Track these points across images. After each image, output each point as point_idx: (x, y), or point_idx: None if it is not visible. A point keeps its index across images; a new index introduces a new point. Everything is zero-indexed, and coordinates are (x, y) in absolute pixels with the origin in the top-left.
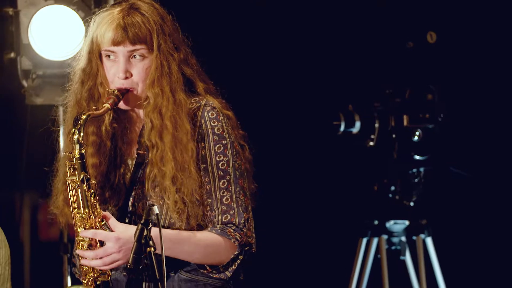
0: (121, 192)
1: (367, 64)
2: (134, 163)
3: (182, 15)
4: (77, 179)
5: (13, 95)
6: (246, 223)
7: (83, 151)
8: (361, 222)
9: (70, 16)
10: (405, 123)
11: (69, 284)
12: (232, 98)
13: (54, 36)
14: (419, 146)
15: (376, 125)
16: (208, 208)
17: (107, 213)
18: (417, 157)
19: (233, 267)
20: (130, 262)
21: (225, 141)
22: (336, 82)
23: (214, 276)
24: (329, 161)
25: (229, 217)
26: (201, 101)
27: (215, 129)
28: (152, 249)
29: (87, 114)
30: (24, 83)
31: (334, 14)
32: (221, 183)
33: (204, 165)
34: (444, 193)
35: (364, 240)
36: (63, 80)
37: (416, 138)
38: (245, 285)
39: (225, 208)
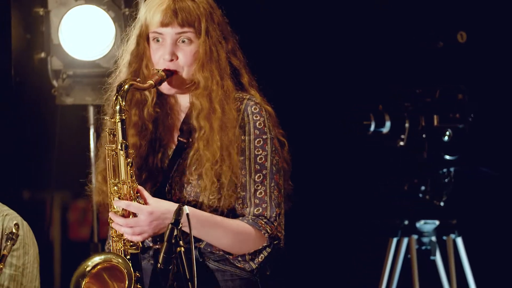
0: (158, 176)
1: (397, 64)
2: (174, 150)
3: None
4: (116, 146)
5: (44, 95)
6: (277, 218)
7: (124, 117)
8: (391, 222)
9: (100, 16)
10: (435, 123)
11: None
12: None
13: (85, 36)
14: (449, 146)
15: (406, 125)
16: (241, 201)
17: (141, 187)
18: (447, 157)
19: (259, 259)
20: (160, 262)
21: (266, 136)
22: (367, 82)
23: (239, 265)
24: (359, 161)
25: (260, 210)
26: (244, 96)
27: (257, 123)
28: (183, 249)
29: (129, 83)
30: (55, 83)
31: (366, 14)
32: (256, 177)
33: (242, 158)
34: (474, 193)
35: (394, 240)
36: (94, 80)
37: (446, 138)
38: (273, 282)
39: (257, 202)
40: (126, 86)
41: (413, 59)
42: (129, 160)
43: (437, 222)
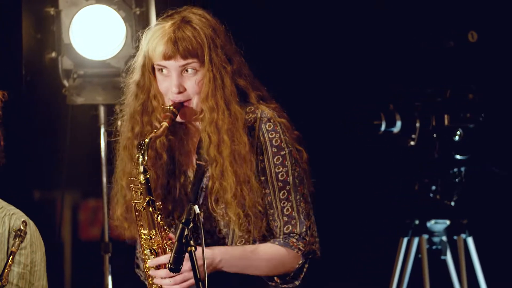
0: (183, 204)
1: (408, 63)
2: (194, 174)
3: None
4: (143, 202)
5: (54, 94)
6: (308, 231)
7: (148, 176)
8: (402, 222)
9: (111, 16)
10: (446, 122)
11: (110, 283)
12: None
13: (95, 36)
14: (460, 146)
15: (417, 124)
16: (271, 218)
17: (172, 235)
18: (458, 156)
19: (301, 275)
20: (170, 261)
21: (284, 152)
22: (377, 82)
23: (283, 286)
24: (370, 160)
25: (290, 228)
26: (256, 111)
27: (273, 141)
28: (193, 248)
29: (149, 137)
30: (65, 82)
31: (376, 14)
32: (281, 194)
33: (264, 177)
34: (485, 192)
35: (405, 240)
36: (104, 80)
37: (457, 137)
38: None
39: (286, 219)
40: (147, 140)
41: (424, 58)
42: (158, 213)
43: (447, 222)
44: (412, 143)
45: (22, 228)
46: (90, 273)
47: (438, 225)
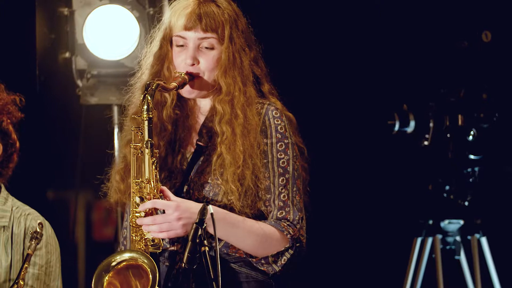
0: (177, 177)
1: (421, 63)
2: (192, 154)
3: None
4: (141, 144)
5: (68, 94)
6: (300, 221)
7: (151, 116)
8: (416, 222)
9: (124, 16)
10: (459, 122)
11: None
12: (287, 97)
13: (109, 36)
14: (474, 146)
15: (431, 124)
16: (266, 204)
17: (164, 187)
18: (472, 156)
19: (282, 261)
20: (184, 261)
21: (287, 141)
22: (391, 82)
23: (262, 268)
24: (383, 160)
25: (284, 214)
26: (264, 102)
27: (278, 127)
28: (207, 248)
29: (156, 83)
30: (79, 82)
31: (389, 14)
32: (280, 180)
33: (265, 161)
34: (499, 192)
35: (419, 240)
36: (118, 80)
37: (471, 137)
38: (292, 283)
39: (281, 205)
40: (154, 86)
41: (438, 58)
42: (154, 159)
43: (461, 222)
44: (426, 143)
45: (38, 230)
46: None
47: (452, 225)
